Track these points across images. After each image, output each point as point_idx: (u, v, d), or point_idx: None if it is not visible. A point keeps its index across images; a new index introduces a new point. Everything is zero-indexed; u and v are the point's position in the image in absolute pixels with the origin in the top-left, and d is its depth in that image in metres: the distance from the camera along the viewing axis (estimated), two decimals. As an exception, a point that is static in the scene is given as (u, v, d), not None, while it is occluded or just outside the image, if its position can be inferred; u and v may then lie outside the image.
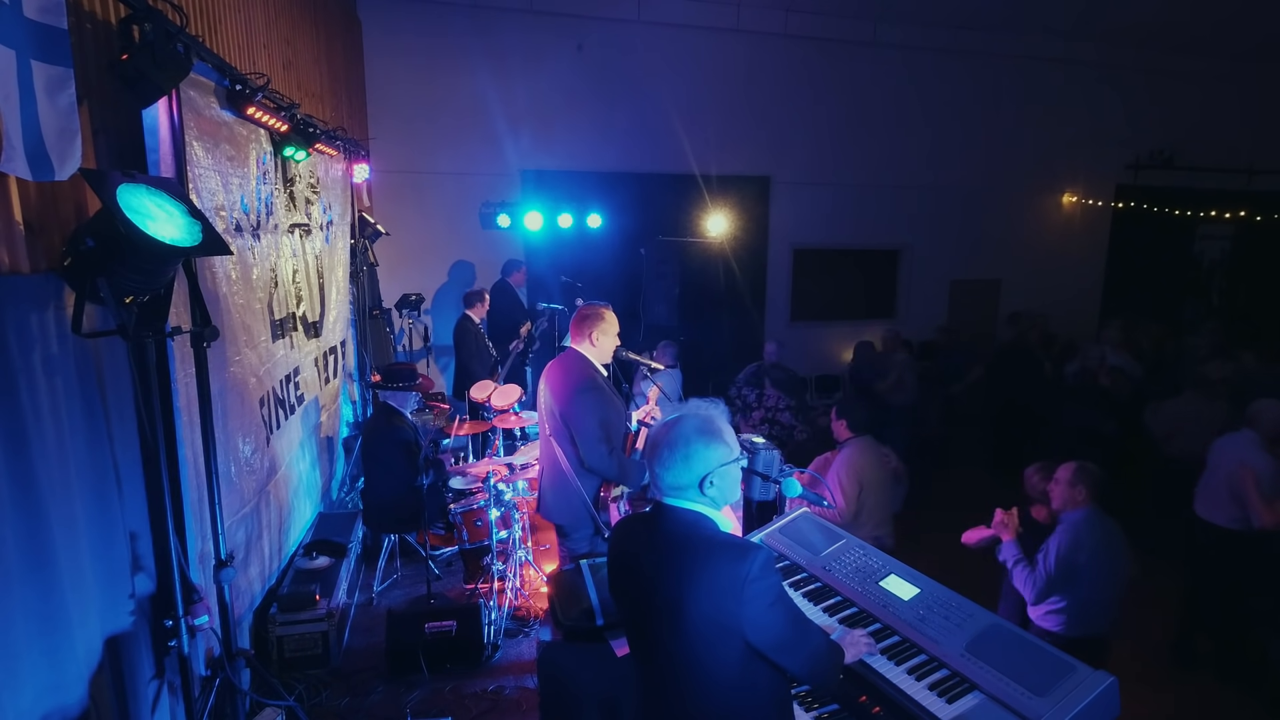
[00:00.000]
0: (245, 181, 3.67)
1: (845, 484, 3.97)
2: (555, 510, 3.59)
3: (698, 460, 1.76)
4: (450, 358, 7.64)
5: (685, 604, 1.68)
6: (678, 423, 1.80)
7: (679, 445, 1.76)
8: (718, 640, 1.69)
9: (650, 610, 1.78)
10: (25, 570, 1.97)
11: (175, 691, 2.71)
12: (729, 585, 1.66)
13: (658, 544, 1.79)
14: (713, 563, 1.69)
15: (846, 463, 4.03)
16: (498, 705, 3.66)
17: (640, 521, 1.91)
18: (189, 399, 2.85)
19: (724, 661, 1.71)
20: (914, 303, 10.04)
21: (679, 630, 1.71)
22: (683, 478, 1.76)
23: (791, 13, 8.47)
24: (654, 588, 1.76)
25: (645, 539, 1.83)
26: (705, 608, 1.67)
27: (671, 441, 1.77)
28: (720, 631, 1.68)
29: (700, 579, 1.68)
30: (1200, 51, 10.04)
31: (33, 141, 1.84)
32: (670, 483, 1.78)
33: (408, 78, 7.46)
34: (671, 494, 1.80)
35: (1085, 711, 1.73)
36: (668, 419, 1.83)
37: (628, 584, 1.88)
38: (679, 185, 8.34)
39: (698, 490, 1.77)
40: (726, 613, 1.66)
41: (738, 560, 1.68)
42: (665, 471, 1.77)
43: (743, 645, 1.69)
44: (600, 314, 3.46)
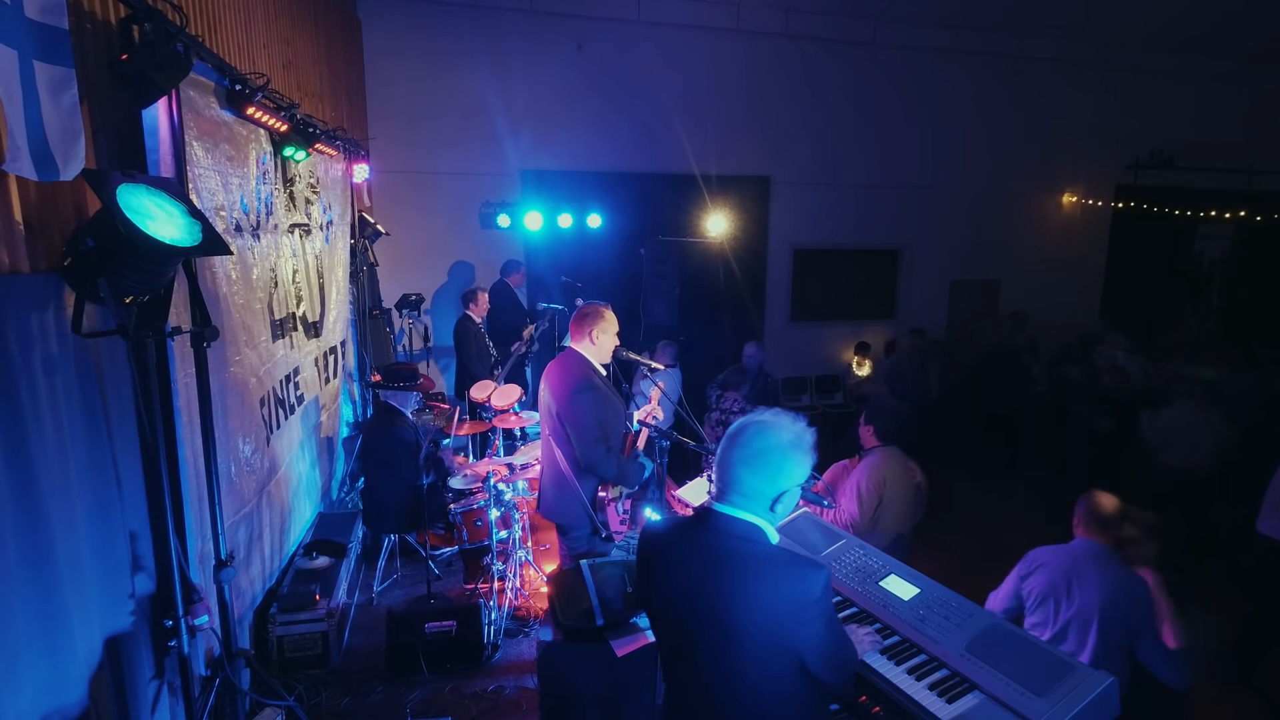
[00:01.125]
0: (245, 181, 3.67)
1: (865, 494, 3.72)
2: (554, 510, 3.60)
3: (785, 474, 1.69)
4: (450, 358, 7.64)
5: (741, 619, 1.63)
6: (775, 428, 1.70)
7: (774, 453, 1.68)
8: (772, 657, 1.64)
9: (694, 624, 1.72)
10: (25, 570, 1.97)
11: (175, 691, 2.71)
12: (792, 605, 1.61)
13: (709, 554, 1.71)
14: (775, 580, 1.63)
15: (870, 471, 3.75)
16: (498, 705, 3.66)
17: (686, 526, 1.83)
18: (189, 399, 2.85)
19: (774, 677, 1.67)
20: (914, 303, 10.04)
21: (731, 644, 1.65)
22: (763, 485, 1.69)
23: (791, 13, 8.47)
24: (703, 598, 1.69)
25: (693, 545, 1.75)
26: (763, 625, 1.62)
27: (767, 447, 1.68)
28: (776, 649, 1.64)
29: (760, 596, 1.63)
30: (1200, 51, 10.04)
31: (37, 142, 1.84)
32: (748, 486, 1.69)
33: (408, 78, 7.46)
34: (735, 499, 1.71)
35: (1085, 711, 1.73)
36: (761, 420, 1.73)
37: (666, 591, 1.80)
38: (679, 185, 8.34)
39: (770, 501, 1.70)
40: (786, 633, 1.62)
41: (801, 580, 1.62)
42: (749, 474, 1.69)
43: (795, 664, 1.65)
44: (599, 313, 3.46)
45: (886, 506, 3.73)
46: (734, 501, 1.72)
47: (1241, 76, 10.55)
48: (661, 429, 3.60)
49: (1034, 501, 7.01)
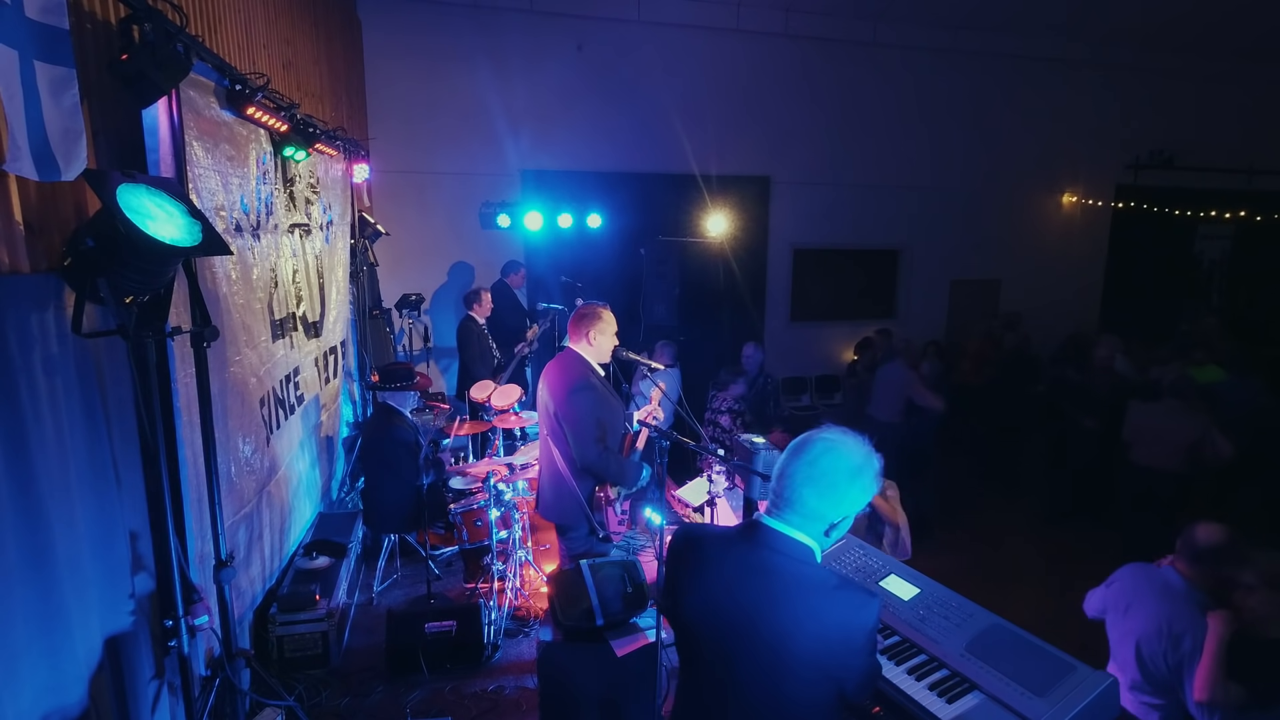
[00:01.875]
0: (245, 181, 3.67)
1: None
2: (552, 509, 3.60)
3: (850, 499, 1.62)
4: (450, 358, 7.64)
5: (790, 644, 1.58)
6: (846, 448, 1.62)
7: (842, 475, 1.60)
8: (816, 683, 1.60)
9: (733, 636, 1.65)
10: (25, 570, 1.97)
11: (175, 691, 2.71)
12: (846, 633, 1.57)
13: (755, 569, 1.64)
14: (829, 607, 1.58)
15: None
16: (498, 705, 3.66)
17: (726, 541, 1.75)
18: (189, 399, 2.85)
19: (815, 702, 1.63)
20: (914, 303, 10.04)
21: (771, 667, 1.60)
22: (825, 508, 1.61)
23: (791, 13, 8.47)
24: (745, 615, 1.62)
25: (738, 558, 1.67)
26: (811, 651, 1.57)
27: (837, 468, 1.60)
28: (820, 677, 1.59)
29: (811, 621, 1.57)
30: (1200, 51, 10.04)
31: (38, 142, 1.84)
32: (811, 507, 1.61)
33: (408, 78, 7.47)
34: (791, 516, 1.64)
35: (1085, 711, 1.73)
36: (831, 436, 1.64)
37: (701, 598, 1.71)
38: (679, 185, 8.34)
39: (829, 525, 1.63)
40: (836, 662, 1.58)
41: (859, 610, 1.57)
42: (813, 493, 1.60)
43: (838, 690, 1.62)
44: (598, 314, 3.46)
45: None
46: (788, 519, 1.64)
47: (1241, 76, 10.55)
48: (661, 429, 3.60)
49: (1034, 505, 7.01)
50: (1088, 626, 3.21)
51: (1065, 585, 5.50)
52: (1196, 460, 5.30)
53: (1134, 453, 5.60)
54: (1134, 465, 5.60)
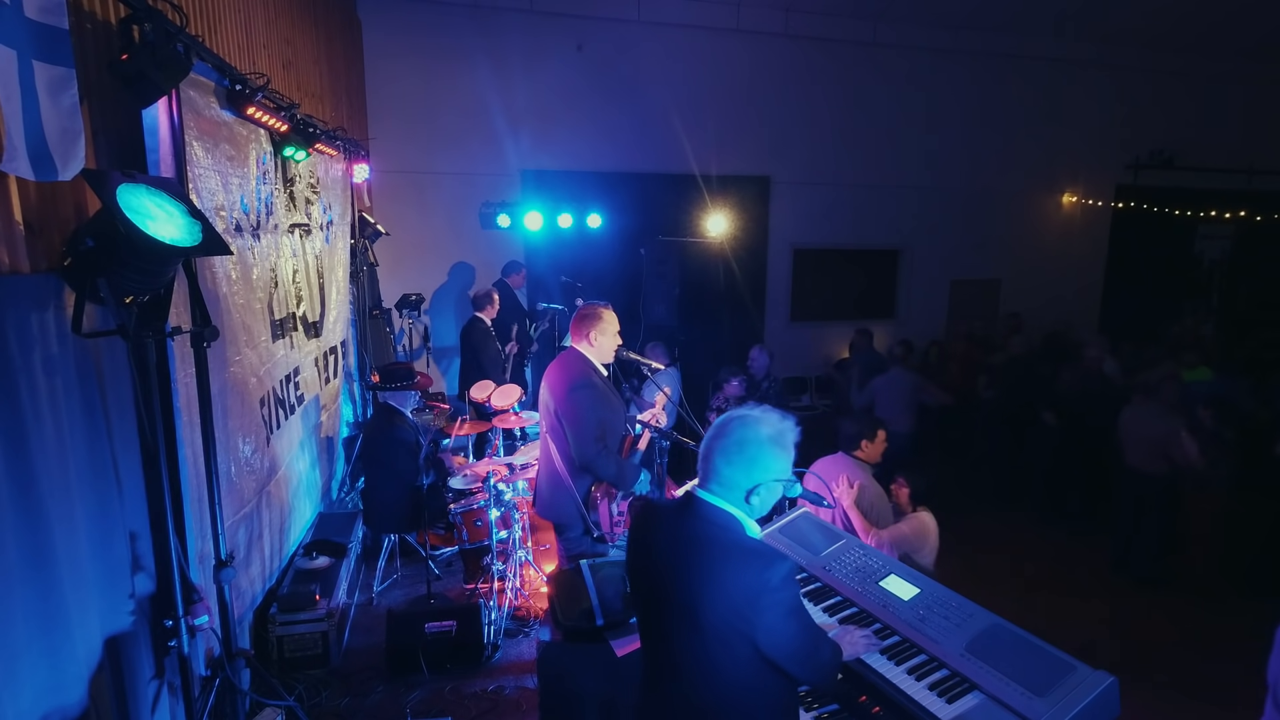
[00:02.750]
0: (245, 181, 3.67)
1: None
2: (550, 508, 3.61)
3: (761, 467, 1.74)
4: (451, 358, 7.64)
5: (703, 603, 1.69)
6: (756, 421, 1.76)
7: (752, 444, 1.74)
8: (730, 643, 1.69)
9: (665, 602, 1.79)
10: (25, 570, 1.97)
11: (175, 691, 2.71)
12: (749, 592, 1.66)
13: (683, 537, 1.78)
14: (736, 567, 1.68)
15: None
16: (498, 705, 3.66)
17: (668, 511, 1.90)
18: (189, 399, 2.85)
19: (734, 663, 1.71)
20: (914, 303, 10.04)
21: (694, 628, 1.71)
22: (739, 476, 1.74)
23: (791, 13, 8.47)
24: (672, 581, 1.76)
25: (670, 529, 1.82)
26: (722, 610, 1.67)
27: (746, 439, 1.74)
28: (734, 635, 1.68)
29: (721, 581, 1.68)
30: (1200, 51, 10.04)
31: (35, 142, 1.84)
32: (721, 474, 1.75)
33: (408, 78, 7.46)
34: (714, 488, 1.78)
35: (1085, 711, 1.73)
36: (745, 413, 1.79)
37: (644, 570, 1.88)
38: (679, 185, 8.34)
39: (745, 492, 1.75)
40: (742, 618, 1.66)
41: (762, 568, 1.67)
42: (723, 461, 1.75)
43: (753, 650, 1.69)
44: (599, 314, 3.47)
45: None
46: (712, 489, 1.78)
47: (1241, 76, 10.54)
48: (662, 429, 3.60)
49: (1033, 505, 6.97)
50: (1088, 627, 3.21)
51: (1065, 587, 5.52)
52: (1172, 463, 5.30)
53: (1125, 455, 5.62)
54: (1125, 468, 5.62)
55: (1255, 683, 4.43)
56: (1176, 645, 4.75)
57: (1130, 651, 4.59)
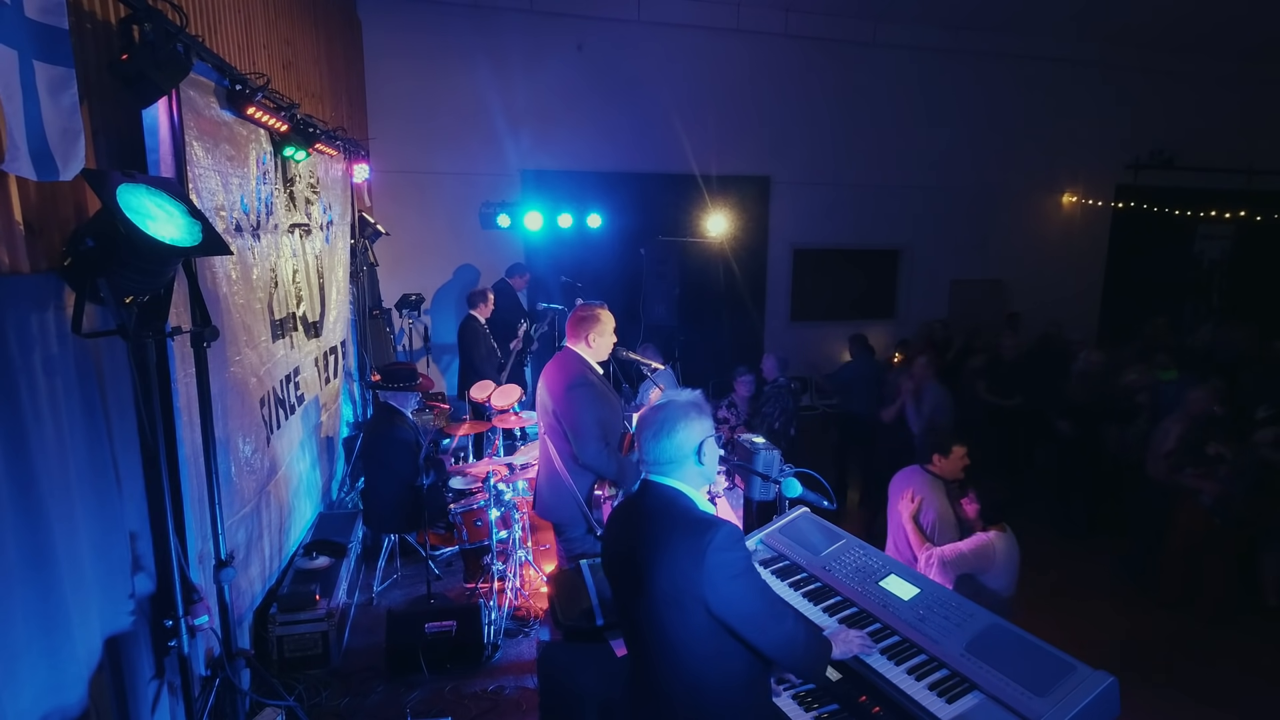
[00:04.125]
0: (245, 181, 3.67)
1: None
2: (550, 508, 3.61)
3: (685, 434, 1.87)
4: (451, 357, 7.64)
5: (653, 574, 1.78)
6: (666, 405, 1.93)
7: (668, 421, 1.88)
8: (682, 610, 1.77)
9: (628, 583, 1.89)
10: (25, 570, 1.97)
11: (175, 691, 2.71)
12: (690, 555, 1.75)
13: (638, 518, 1.90)
14: (678, 533, 1.79)
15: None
16: (498, 705, 3.66)
17: (628, 501, 2.05)
18: (189, 399, 2.85)
19: (691, 633, 1.78)
20: (914, 303, 10.04)
21: (648, 600, 1.80)
22: (670, 451, 1.87)
23: (792, 13, 8.47)
24: (630, 560, 1.86)
25: (630, 515, 1.96)
26: (670, 577, 1.76)
27: (661, 419, 1.89)
28: (685, 599, 1.75)
29: (666, 549, 1.78)
30: (1201, 51, 10.04)
31: (36, 142, 1.84)
32: (657, 457, 1.89)
33: (408, 78, 7.46)
34: (656, 469, 1.91)
35: (1085, 711, 1.72)
36: (658, 402, 1.96)
37: (615, 560, 1.99)
38: (679, 185, 8.34)
39: (688, 463, 1.88)
40: (689, 580, 1.74)
41: (700, 532, 1.77)
42: (654, 445, 1.88)
43: (705, 616, 1.76)
44: (596, 315, 3.49)
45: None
46: (658, 471, 1.92)
47: (1242, 76, 10.55)
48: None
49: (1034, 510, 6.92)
50: (1089, 628, 3.22)
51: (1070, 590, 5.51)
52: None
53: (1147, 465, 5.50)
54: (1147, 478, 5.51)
55: (1255, 684, 4.45)
56: (1176, 645, 4.75)
57: (1130, 652, 4.59)
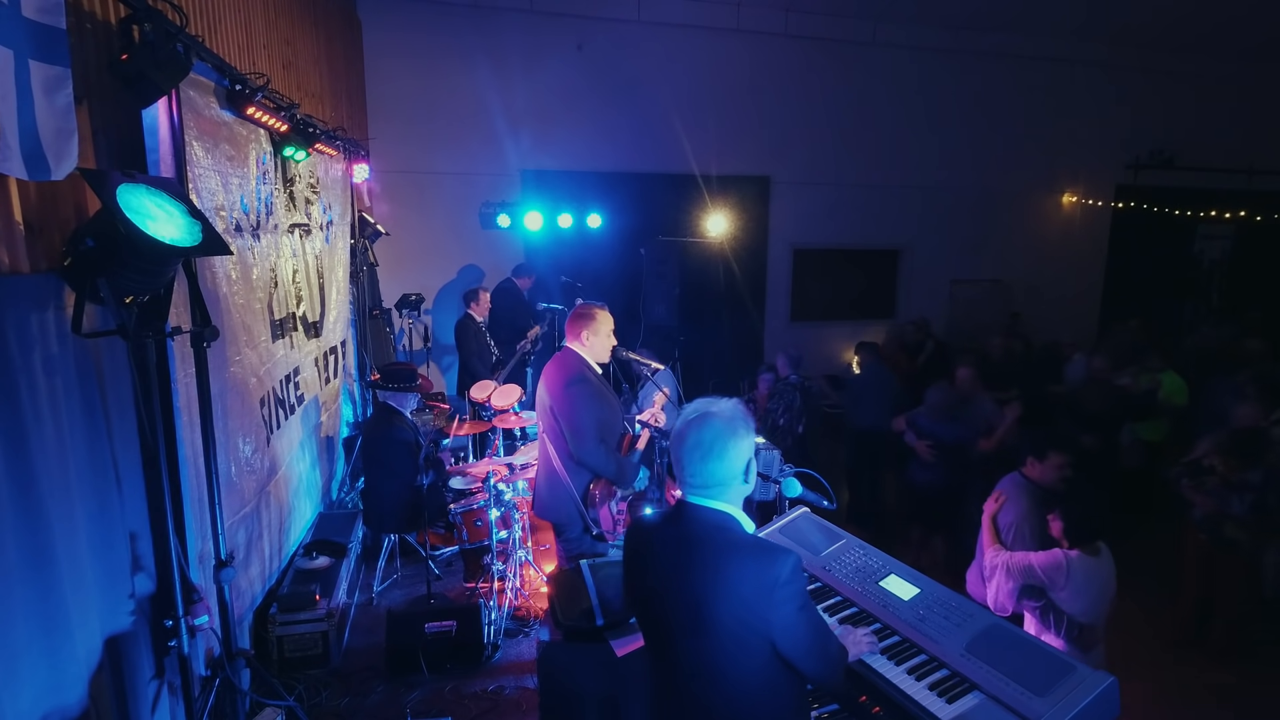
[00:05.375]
0: (245, 181, 3.67)
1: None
2: (548, 508, 3.62)
3: (736, 453, 1.74)
4: (452, 357, 7.63)
5: (712, 606, 1.66)
6: (709, 419, 1.75)
7: (719, 441, 1.72)
8: (744, 644, 1.67)
9: (672, 611, 1.76)
10: (25, 570, 1.97)
11: (175, 691, 2.71)
12: (760, 589, 1.64)
13: (681, 544, 1.75)
14: (743, 565, 1.67)
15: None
16: (498, 705, 3.66)
17: (661, 521, 1.88)
18: (189, 399, 2.84)
19: (749, 665, 1.69)
20: (914, 303, 10.03)
21: (704, 633, 1.69)
22: (720, 473, 1.73)
23: (792, 13, 8.47)
24: (677, 589, 1.73)
25: (667, 538, 1.80)
26: (734, 610, 1.65)
27: (711, 439, 1.73)
28: (748, 634, 1.66)
29: (729, 581, 1.65)
30: (1201, 51, 10.04)
31: (29, 141, 1.83)
32: (705, 480, 1.74)
33: (408, 78, 7.46)
34: (699, 492, 1.76)
35: (1085, 711, 1.72)
36: (692, 416, 1.78)
37: (645, 584, 1.85)
38: (679, 185, 8.34)
39: (736, 483, 1.75)
40: (756, 616, 1.64)
41: (770, 564, 1.65)
42: (702, 467, 1.73)
43: (769, 650, 1.67)
44: (593, 314, 3.51)
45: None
46: (700, 493, 1.77)
47: (1241, 76, 10.54)
48: (663, 429, 3.61)
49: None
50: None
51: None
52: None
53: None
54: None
55: (1255, 685, 4.45)
56: (1176, 645, 4.75)
57: (1130, 652, 4.59)
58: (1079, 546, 3.21)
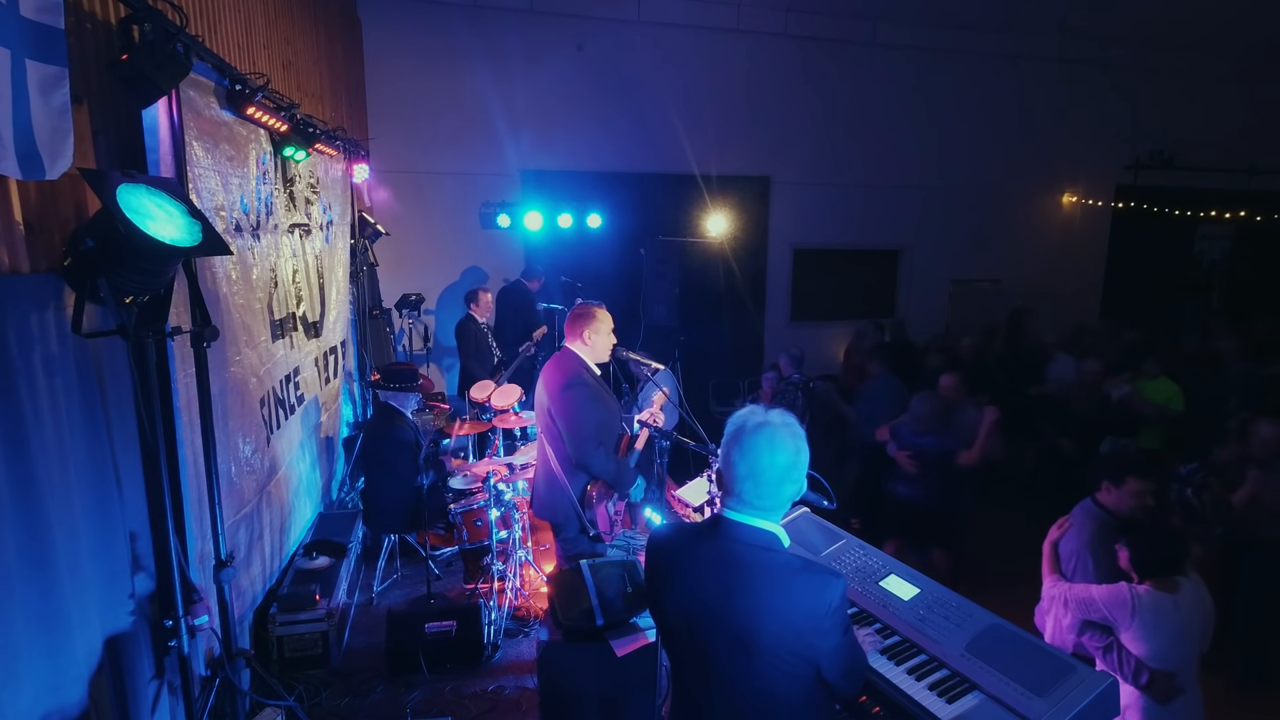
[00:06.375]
0: (245, 181, 3.67)
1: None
2: (546, 508, 3.61)
3: (794, 478, 1.68)
4: (452, 358, 7.64)
5: (759, 632, 1.62)
6: (780, 436, 1.65)
7: (791, 469, 1.65)
8: (791, 669, 1.64)
9: (712, 630, 1.69)
10: (25, 570, 1.97)
11: (175, 691, 2.71)
12: (811, 616, 1.60)
13: (723, 564, 1.68)
14: (795, 592, 1.62)
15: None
16: (498, 705, 3.66)
17: (698, 534, 1.78)
18: (189, 399, 2.85)
19: (791, 687, 1.66)
20: (914, 303, 10.04)
21: (749, 658, 1.64)
22: (780, 498, 1.67)
23: (792, 13, 8.47)
24: (719, 608, 1.66)
25: (706, 557, 1.72)
26: (782, 636, 1.61)
27: (783, 463, 1.65)
28: (795, 660, 1.63)
29: (779, 606, 1.61)
30: (1201, 51, 10.04)
31: (24, 141, 1.83)
32: (762, 502, 1.66)
33: (408, 78, 7.46)
34: (749, 510, 1.68)
35: (1085, 711, 1.73)
36: (762, 425, 1.66)
37: (677, 605, 1.76)
38: (679, 185, 8.34)
39: (779, 508, 1.69)
40: (805, 644, 1.61)
41: (822, 590, 1.61)
42: (759, 483, 1.64)
43: (814, 674, 1.65)
44: (592, 313, 3.50)
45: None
46: (744, 510, 1.69)
47: (1241, 76, 10.54)
48: (662, 429, 3.60)
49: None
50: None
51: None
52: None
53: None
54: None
55: (1252, 687, 4.42)
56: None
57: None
58: (1150, 580, 2.85)
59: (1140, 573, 2.88)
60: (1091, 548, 3.17)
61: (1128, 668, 2.78)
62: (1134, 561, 2.90)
